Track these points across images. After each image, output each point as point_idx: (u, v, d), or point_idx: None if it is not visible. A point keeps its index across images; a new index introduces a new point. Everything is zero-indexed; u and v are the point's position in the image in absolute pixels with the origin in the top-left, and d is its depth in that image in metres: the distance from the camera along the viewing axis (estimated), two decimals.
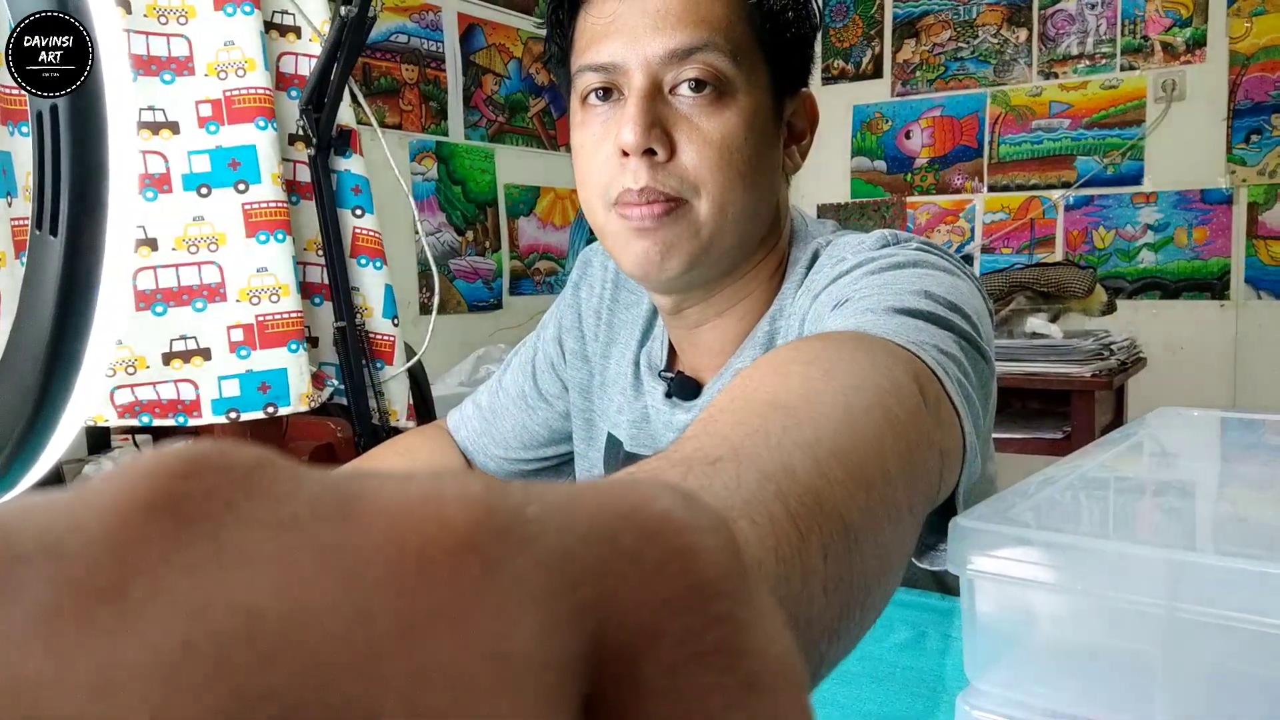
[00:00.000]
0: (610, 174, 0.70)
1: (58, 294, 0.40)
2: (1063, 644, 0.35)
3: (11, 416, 0.42)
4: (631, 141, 0.67)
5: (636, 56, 0.69)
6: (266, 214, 1.20)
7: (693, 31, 0.68)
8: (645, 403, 0.85)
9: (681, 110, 0.69)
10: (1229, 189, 2.93)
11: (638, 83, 0.69)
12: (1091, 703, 0.33)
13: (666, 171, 0.69)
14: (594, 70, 0.71)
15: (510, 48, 3.25)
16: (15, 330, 0.41)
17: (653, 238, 0.69)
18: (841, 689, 0.54)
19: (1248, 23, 2.88)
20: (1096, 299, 2.29)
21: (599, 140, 0.71)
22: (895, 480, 0.37)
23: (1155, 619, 0.31)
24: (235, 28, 1.19)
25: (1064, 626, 0.34)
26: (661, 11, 0.68)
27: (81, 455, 1.23)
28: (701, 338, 0.80)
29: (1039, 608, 0.35)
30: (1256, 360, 2.90)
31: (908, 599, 0.68)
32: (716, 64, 0.68)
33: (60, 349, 0.41)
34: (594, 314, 0.92)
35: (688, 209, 0.70)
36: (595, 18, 0.71)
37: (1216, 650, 0.31)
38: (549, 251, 3.40)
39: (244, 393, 1.18)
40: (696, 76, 0.68)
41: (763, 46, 0.71)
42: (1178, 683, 0.31)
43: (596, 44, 0.71)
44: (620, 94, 0.71)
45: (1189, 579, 0.29)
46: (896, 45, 3.54)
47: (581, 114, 0.74)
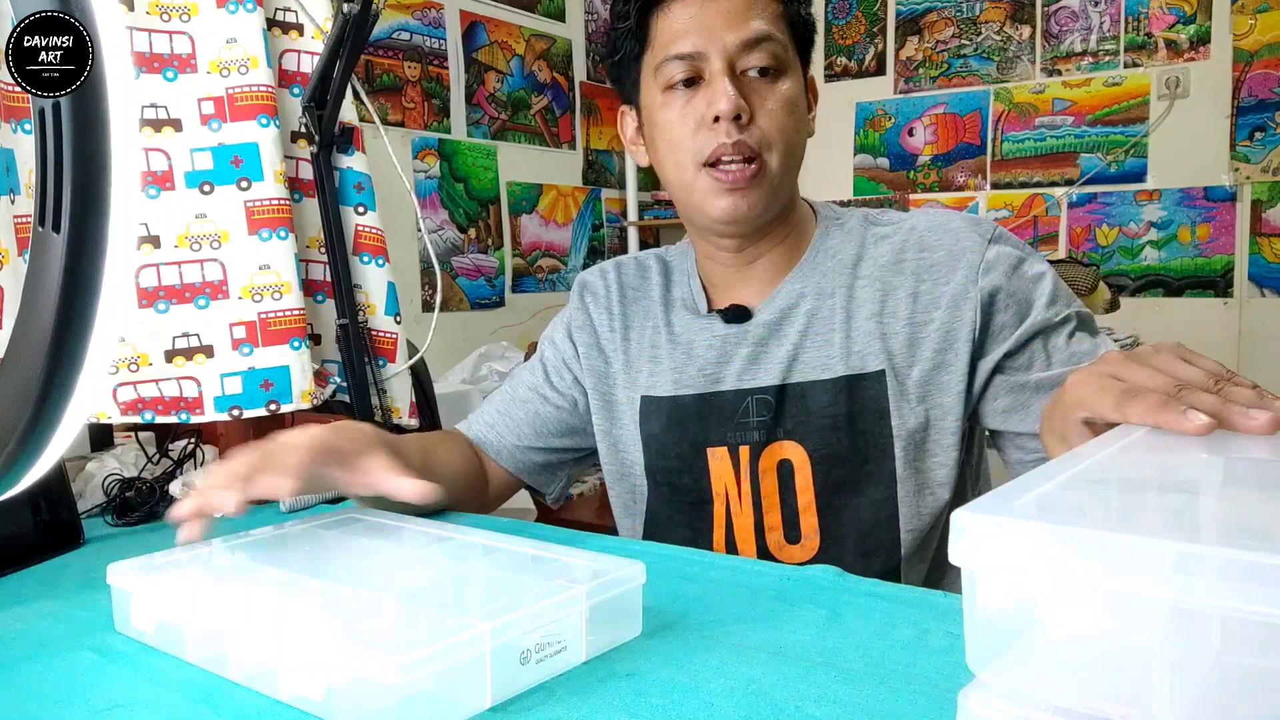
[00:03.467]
0: (702, 139, 0.90)
1: (60, 291, 0.40)
2: (1066, 637, 0.35)
3: (14, 413, 0.42)
4: (727, 108, 0.87)
5: (716, 46, 0.89)
6: (269, 211, 1.20)
7: (758, 25, 0.89)
8: (692, 350, 1.00)
9: (752, 88, 0.90)
10: (1232, 186, 2.93)
11: (718, 66, 0.89)
12: (1095, 696, 0.33)
13: (749, 132, 0.89)
14: (680, 59, 0.90)
15: (512, 45, 3.25)
16: (18, 327, 0.41)
17: (742, 193, 0.90)
18: (844, 687, 0.54)
19: (1251, 19, 2.87)
20: (1100, 296, 2.28)
21: (686, 115, 0.91)
22: None
23: (1161, 611, 0.31)
24: (237, 25, 1.19)
25: (1068, 619, 0.34)
26: (731, 11, 0.89)
27: (84, 453, 1.24)
28: (754, 271, 0.99)
29: (1042, 601, 0.34)
30: (1260, 357, 2.90)
31: (910, 596, 0.68)
32: (776, 51, 0.90)
33: (63, 346, 0.41)
34: (605, 313, 1.07)
35: (764, 168, 0.90)
36: (675, 18, 0.91)
37: (1222, 642, 0.31)
38: (551, 249, 3.39)
39: (246, 390, 1.18)
40: (762, 64, 0.89)
41: (795, 38, 0.93)
42: (1182, 675, 0.31)
43: (679, 39, 0.90)
44: (701, 79, 0.90)
45: (1195, 570, 0.29)
46: (899, 42, 3.53)
47: (663, 98, 0.93)
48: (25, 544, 0.87)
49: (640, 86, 0.96)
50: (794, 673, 0.56)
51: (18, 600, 0.76)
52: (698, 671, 0.57)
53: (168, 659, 0.62)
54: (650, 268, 1.08)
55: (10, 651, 0.65)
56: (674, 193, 0.96)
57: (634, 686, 0.55)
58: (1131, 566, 0.31)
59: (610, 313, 1.07)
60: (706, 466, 0.97)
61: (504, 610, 0.52)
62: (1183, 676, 0.32)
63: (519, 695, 0.54)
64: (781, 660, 0.58)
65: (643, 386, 1.03)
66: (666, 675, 0.56)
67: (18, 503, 0.85)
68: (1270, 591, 0.28)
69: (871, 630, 0.62)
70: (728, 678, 0.56)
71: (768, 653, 0.59)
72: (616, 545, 0.85)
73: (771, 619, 0.65)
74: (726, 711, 0.51)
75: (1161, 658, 0.32)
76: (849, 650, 0.59)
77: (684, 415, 0.99)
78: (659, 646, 0.61)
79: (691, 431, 0.98)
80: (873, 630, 0.62)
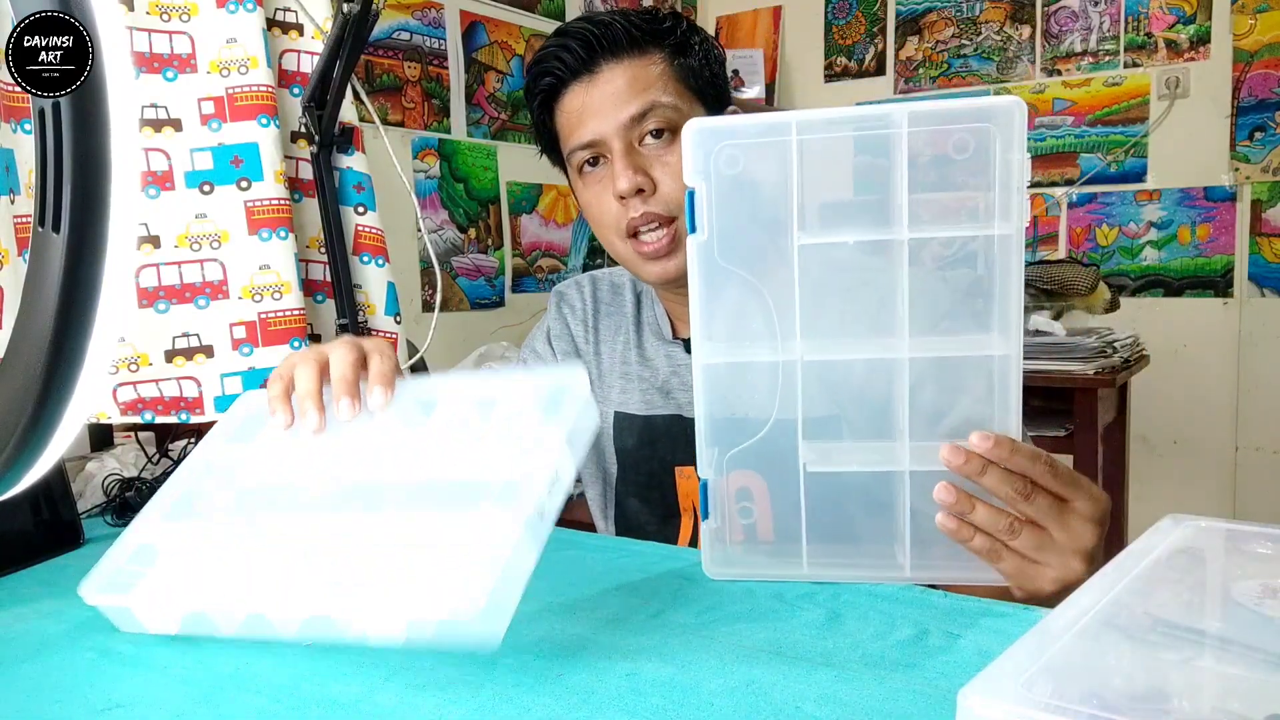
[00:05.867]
0: (617, 213, 0.95)
1: (60, 291, 0.40)
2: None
3: (14, 413, 0.42)
4: (625, 187, 0.93)
5: (609, 127, 0.94)
6: (269, 211, 1.20)
7: (643, 97, 0.93)
8: (659, 373, 1.06)
9: (652, 154, 0.94)
10: (1232, 186, 2.93)
11: (616, 146, 0.94)
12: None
13: (654, 200, 0.94)
14: (582, 148, 0.96)
15: (513, 45, 3.25)
16: (18, 327, 0.41)
17: (666, 259, 0.96)
18: (843, 686, 0.54)
19: (1251, 19, 2.87)
20: (1100, 296, 2.28)
21: (600, 194, 0.97)
22: None
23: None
24: (237, 25, 1.19)
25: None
26: (614, 92, 0.94)
27: (84, 453, 1.24)
28: None
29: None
30: (1259, 358, 2.90)
31: (909, 596, 0.68)
32: (666, 114, 0.94)
33: (63, 346, 0.41)
34: (581, 324, 1.13)
35: (677, 228, 0.94)
36: (569, 111, 0.97)
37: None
38: (551, 249, 3.39)
39: (246, 390, 1.18)
40: (654, 127, 0.94)
41: (691, 89, 0.96)
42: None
43: (577, 130, 0.96)
44: (605, 158, 0.96)
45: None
46: (899, 42, 3.53)
47: (580, 181, 1.00)
48: (25, 544, 0.87)
49: (567, 171, 1.03)
50: (794, 673, 0.56)
51: (18, 600, 0.76)
52: (698, 671, 0.57)
53: (167, 659, 0.62)
54: (624, 286, 1.14)
55: (10, 651, 0.65)
56: (614, 258, 1.02)
57: (634, 686, 0.55)
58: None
59: (585, 325, 1.12)
60: (674, 484, 1.02)
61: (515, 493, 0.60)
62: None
63: (519, 695, 0.54)
64: (781, 660, 0.58)
65: (615, 402, 1.07)
66: (666, 675, 0.56)
67: (18, 503, 0.85)
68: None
69: (871, 630, 0.62)
70: (728, 678, 0.56)
71: (768, 653, 0.59)
72: (615, 545, 0.85)
73: (771, 619, 0.65)
74: (726, 711, 0.51)
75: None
76: (849, 650, 0.59)
77: (655, 435, 1.04)
78: (659, 646, 0.61)
79: (661, 450, 1.03)
80: (872, 630, 0.62)
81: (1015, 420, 0.66)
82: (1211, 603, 0.48)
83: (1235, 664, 0.40)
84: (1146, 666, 0.40)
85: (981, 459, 0.64)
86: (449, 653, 0.60)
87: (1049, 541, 0.65)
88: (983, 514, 0.65)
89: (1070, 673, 0.38)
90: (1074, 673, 0.39)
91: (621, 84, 0.93)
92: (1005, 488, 0.64)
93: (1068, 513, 0.66)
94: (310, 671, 0.59)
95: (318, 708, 0.54)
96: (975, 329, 0.67)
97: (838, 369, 0.69)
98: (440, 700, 0.54)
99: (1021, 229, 0.65)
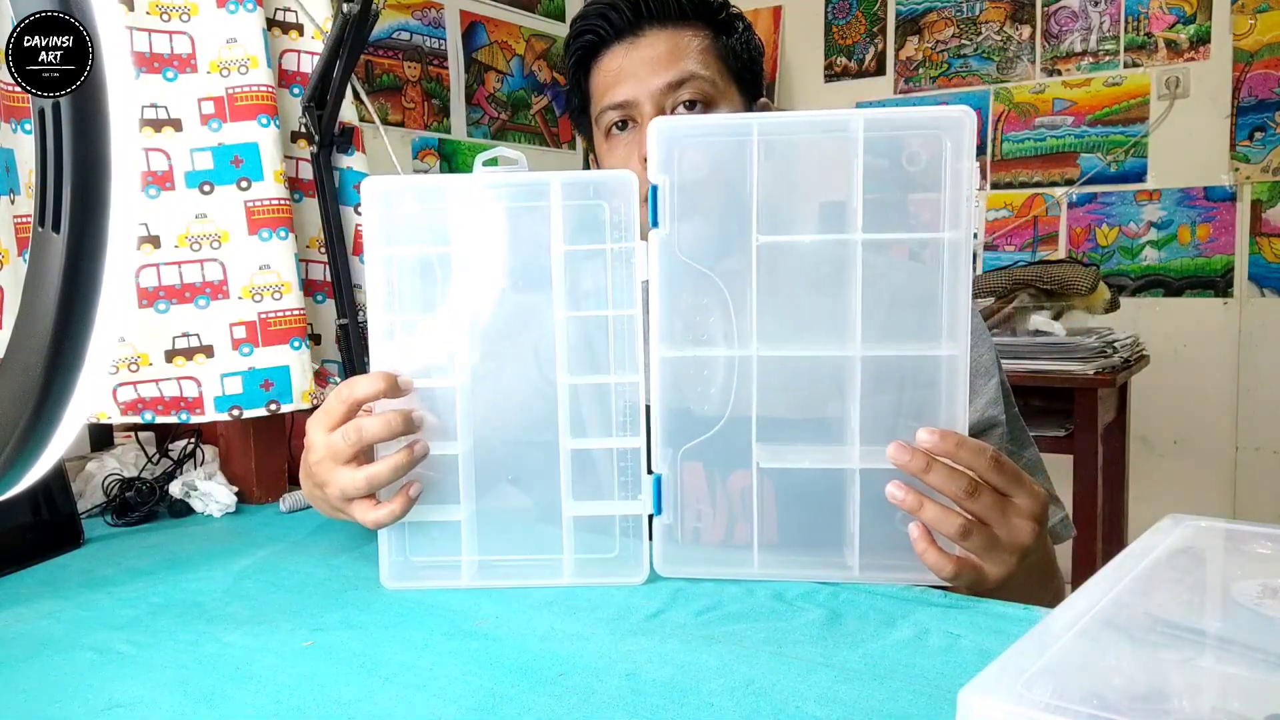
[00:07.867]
0: (642, 179, 0.96)
1: (60, 291, 0.40)
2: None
3: (14, 414, 0.42)
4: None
5: (643, 91, 0.95)
6: (269, 211, 1.20)
7: (681, 66, 0.94)
8: None
9: None
10: (1232, 186, 2.93)
11: (648, 109, 0.94)
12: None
13: None
14: (614, 109, 0.96)
15: (512, 45, 3.24)
16: (17, 328, 0.41)
17: None
18: (844, 686, 0.54)
19: (1251, 19, 2.87)
20: (1100, 296, 2.28)
21: (625, 158, 0.97)
22: None
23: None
24: (237, 25, 1.19)
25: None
26: (654, 57, 0.95)
27: (84, 453, 1.23)
28: None
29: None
30: (1259, 357, 2.90)
31: (909, 596, 0.68)
32: (702, 87, 0.94)
33: (63, 346, 0.41)
34: None
35: None
36: (606, 71, 0.97)
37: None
38: None
39: (246, 390, 1.18)
40: (689, 98, 0.94)
41: (730, 71, 0.97)
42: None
43: (611, 90, 0.96)
44: (635, 122, 0.96)
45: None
46: (899, 42, 3.53)
47: (606, 144, 1.00)
48: (25, 544, 0.87)
49: (592, 135, 1.04)
50: (794, 673, 0.56)
51: (18, 600, 0.76)
52: (698, 671, 0.57)
53: (168, 659, 0.62)
54: None
55: (10, 651, 0.65)
56: None
57: (634, 686, 0.55)
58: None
59: None
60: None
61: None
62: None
63: (519, 695, 0.54)
64: (781, 660, 0.58)
65: None
66: (666, 675, 0.56)
67: (18, 503, 0.85)
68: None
69: (871, 630, 0.62)
70: (728, 678, 0.56)
71: (768, 653, 0.59)
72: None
73: (771, 619, 0.65)
74: (726, 711, 0.51)
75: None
76: (849, 650, 0.59)
77: None
78: (659, 646, 0.61)
79: None
80: (873, 630, 0.62)
81: (962, 417, 0.68)
82: (1211, 603, 0.48)
83: (1235, 664, 0.40)
84: (1146, 666, 0.40)
85: (926, 456, 0.65)
86: (449, 652, 0.60)
87: (995, 540, 0.66)
88: (931, 511, 0.66)
89: (1070, 673, 0.38)
90: (1074, 673, 0.39)
91: (663, 50, 0.94)
92: (951, 485, 0.65)
93: (1009, 509, 0.67)
94: (310, 671, 0.59)
95: (318, 708, 0.54)
96: (926, 330, 0.69)
97: (791, 366, 0.71)
98: (440, 700, 0.54)
99: (969, 234, 0.67)
